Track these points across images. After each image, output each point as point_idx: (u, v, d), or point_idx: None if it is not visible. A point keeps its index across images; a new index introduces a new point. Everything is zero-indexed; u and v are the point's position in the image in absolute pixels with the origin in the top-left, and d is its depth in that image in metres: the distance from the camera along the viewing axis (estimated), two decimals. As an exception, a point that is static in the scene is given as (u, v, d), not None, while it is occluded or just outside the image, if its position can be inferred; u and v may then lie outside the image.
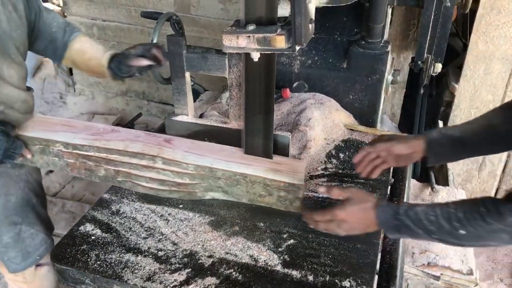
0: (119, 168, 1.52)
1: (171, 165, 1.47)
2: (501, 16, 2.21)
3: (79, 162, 1.56)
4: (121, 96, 4.04)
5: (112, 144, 1.52)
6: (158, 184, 1.50)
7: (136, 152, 1.49)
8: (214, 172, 1.44)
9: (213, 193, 1.50)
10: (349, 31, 1.95)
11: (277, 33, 1.20)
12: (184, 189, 1.49)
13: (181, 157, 1.47)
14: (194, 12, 3.33)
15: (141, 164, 1.50)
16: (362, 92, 1.89)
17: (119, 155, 1.51)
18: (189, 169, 1.46)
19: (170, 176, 1.49)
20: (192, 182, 1.48)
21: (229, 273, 1.24)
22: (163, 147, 1.51)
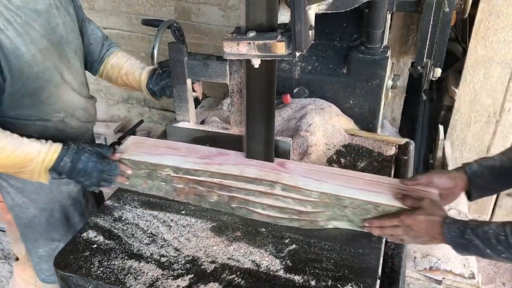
0: (234, 194, 1.44)
1: (292, 192, 1.39)
2: (500, 20, 2.22)
3: (189, 188, 1.49)
4: (122, 103, 4.06)
5: (226, 168, 1.45)
6: (276, 212, 1.42)
7: (253, 177, 1.42)
8: (341, 200, 1.35)
9: (337, 222, 1.40)
10: (349, 36, 1.96)
11: (277, 39, 1.21)
12: (306, 217, 1.40)
13: (303, 183, 1.38)
14: (194, 19, 3.35)
15: (258, 190, 1.42)
16: (362, 97, 1.90)
17: (234, 180, 1.44)
18: (312, 197, 1.37)
19: (290, 203, 1.40)
20: (315, 210, 1.39)
21: (232, 279, 1.25)
22: (280, 172, 1.44)
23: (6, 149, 1.37)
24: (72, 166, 1.41)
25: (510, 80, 2.36)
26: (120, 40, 3.66)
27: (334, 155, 1.76)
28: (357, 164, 1.72)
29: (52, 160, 1.40)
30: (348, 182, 1.39)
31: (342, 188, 1.37)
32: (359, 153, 1.77)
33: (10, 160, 1.38)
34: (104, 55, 1.77)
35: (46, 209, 1.67)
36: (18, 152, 1.38)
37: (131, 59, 1.80)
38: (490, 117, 2.48)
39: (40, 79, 1.46)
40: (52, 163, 1.40)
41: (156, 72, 1.72)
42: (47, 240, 1.71)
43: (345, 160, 1.74)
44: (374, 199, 1.33)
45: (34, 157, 1.39)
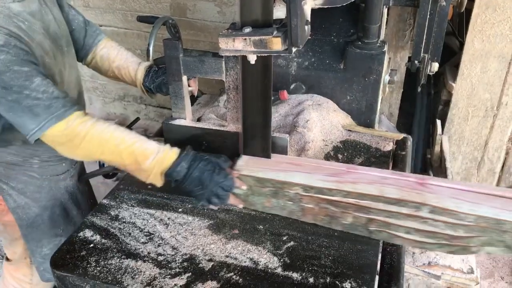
0: (373, 216, 1.31)
1: (442, 215, 1.25)
2: (497, 14, 2.21)
3: (320, 208, 1.36)
4: (118, 100, 4.04)
5: (363, 188, 1.32)
6: (423, 236, 1.29)
7: (396, 198, 1.28)
8: (501, 224, 1.20)
9: (492, 248, 1.25)
10: (345, 32, 1.95)
11: (273, 35, 1.20)
12: (458, 242, 1.26)
13: (455, 206, 1.24)
14: (190, 15, 3.33)
15: (402, 212, 1.28)
16: (359, 93, 1.89)
17: (373, 201, 1.30)
18: (467, 221, 1.23)
19: (440, 227, 1.26)
20: (469, 235, 1.25)
21: (230, 277, 1.24)
22: (422, 191, 1.30)
23: (125, 139, 1.34)
24: (188, 172, 1.33)
25: (508, 74, 2.35)
26: (115, 37, 3.64)
27: (332, 151, 1.75)
28: (355, 160, 1.71)
29: (170, 161, 1.33)
30: (506, 204, 1.25)
31: (500, 210, 1.22)
32: (357, 149, 1.76)
33: (129, 153, 1.33)
34: (92, 44, 1.71)
35: (47, 206, 1.67)
36: (137, 145, 1.33)
37: (122, 51, 1.76)
38: (487, 111, 2.48)
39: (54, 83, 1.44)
40: (169, 164, 1.33)
41: (152, 69, 1.71)
42: (51, 237, 1.71)
43: (342, 156, 1.73)
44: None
45: (153, 154, 1.33)
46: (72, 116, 1.32)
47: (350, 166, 1.44)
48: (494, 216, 1.20)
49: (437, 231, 1.27)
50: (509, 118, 2.47)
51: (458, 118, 2.54)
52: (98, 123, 1.35)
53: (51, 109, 1.29)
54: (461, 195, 1.28)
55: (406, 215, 1.27)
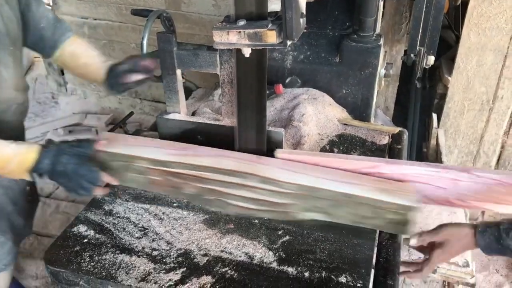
0: (209, 186, 1.40)
1: (266, 184, 1.34)
2: (493, 7, 2.20)
3: (165, 179, 1.43)
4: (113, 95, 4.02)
5: (202, 160, 1.40)
6: (252, 204, 1.38)
7: (229, 169, 1.37)
8: (316, 192, 1.31)
9: (313, 214, 1.35)
10: (341, 25, 1.94)
11: (268, 28, 1.18)
12: (281, 209, 1.36)
13: (278, 175, 1.34)
14: (185, 8, 3.31)
15: (234, 182, 1.37)
16: (355, 86, 1.88)
17: (210, 172, 1.39)
18: (289, 189, 1.33)
19: (265, 195, 1.36)
20: (290, 202, 1.35)
21: (225, 271, 1.23)
22: (256, 163, 1.40)
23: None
24: (52, 167, 1.34)
25: (503, 68, 2.35)
26: (110, 30, 3.62)
27: (327, 145, 1.74)
28: (351, 153, 1.70)
29: (30, 161, 1.33)
30: (327, 174, 1.35)
31: (319, 180, 1.33)
32: (353, 143, 1.75)
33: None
34: (59, 41, 1.69)
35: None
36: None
37: (89, 49, 1.73)
38: (483, 105, 2.47)
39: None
40: (30, 164, 1.33)
41: (116, 67, 1.66)
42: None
43: (338, 150, 1.72)
44: (348, 191, 1.29)
45: (11, 159, 1.34)
46: None
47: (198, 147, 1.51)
48: (309, 184, 1.31)
49: (263, 199, 1.36)
50: (505, 112, 2.46)
51: (454, 112, 2.53)
52: None
53: None
54: (288, 165, 1.39)
55: (237, 184, 1.37)
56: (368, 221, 1.30)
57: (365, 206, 1.27)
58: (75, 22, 3.70)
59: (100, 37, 3.68)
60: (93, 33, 3.69)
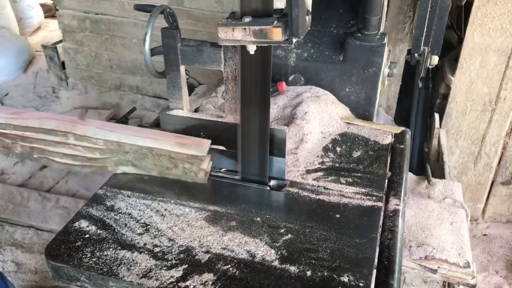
0: (34, 145, 1.58)
1: (82, 141, 1.54)
2: (497, 8, 2.20)
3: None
4: (114, 90, 4.01)
5: (28, 122, 1.58)
6: (71, 160, 1.58)
7: (50, 129, 1.56)
8: (122, 146, 1.52)
9: (124, 167, 1.57)
10: (345, 23, 1.93)
11: (274, 25, 1.18)
12: (95, 163, 1.57)
13: (92, 133, 1.53)
14: (188, 4, 3.30)
15: (55, 140, 1.56)
16: (358, 85, 1.88)
17: (34, 132, 1.57)
18: (99, 144, 1.53)
19: (81, 151, 1.56)
20: (102, 156, 1.55)
21: (226, 269, 1.23)
22: (76, 124, 1.57)
23: None
24: None
25: (507, 69, 2.34)
26: (112, 26, 3.61)
27: (330, 144, 1.74)
28: (353, 153, 1.70)
29: None
30: (134, 132, 1.55)
31: (124, 136, 1.52)
32: (355, 142, 1.75)
33: None
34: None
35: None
36: None
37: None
38: (486, 106, 2.47)
39: None
40: None
41: None
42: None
43: (340, 148, 1.72)
44: (149, 144, 1.49)
45: None
46: None
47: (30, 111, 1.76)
48: (116, 139, 1.51)
49: (80, 155, 1.56)
50: (507, 113, 2.46)
51: (456, 112, 2.53)
52: None
53: None
54: (105, 125, 1.58)
55: (57, 142, 1.56)
56: (170, 172, 1.51)
57: (164, 157, 1.49)
58: (77, 17, 3.69)
59: (102, 32, 3.67)
60: (95, 28, 3.68)
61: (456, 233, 1.81)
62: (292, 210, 1.44)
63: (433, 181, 2.11)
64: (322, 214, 1.42)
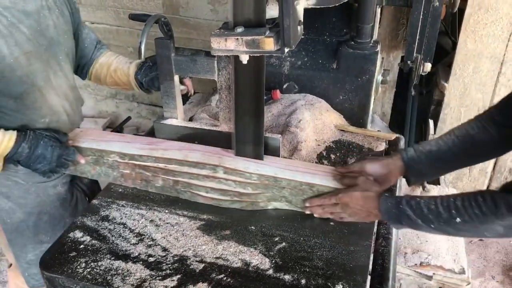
0: (178, 178, 1.48)
1: (233, 175, 1.43)
2: (489, 14, 2.22)
3: (135, 173, 1.51)
4: (110, 98, 4.01)
5: (171, 153, 1.48)
6: (219, 194, 1.47)
7: (196, 161, 1.45)
8: (279, 181, 1.41)
9: (277, 203, 1.46)
10: (339, 31, 1.94)
11: (266, 35, 1.19)
12: (247, 199, 1.45)
13: (243, 166, 1.43)
14: (183, 13, 3.31)
15: (202, 174, 1.46)
16: (352, 93, 1.89)
17: (178, 165, 1.47)
18: (252, 179, 1.42)
19: (232, 186, 1.45)
20: (255, 192, 1.44)
21: (221, 278, 1.23)
22: (222, 155, 1.47)
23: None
24: (30, 152, 1.40)
25: (500, 74, 2.36)
26: (107, 34, 3.62)
27: (324, 151, 1.74)
28: (347, 160, 1.71)
29: (9, 147, 1.38)
30: (288, 165, 1.46)
31: (279, 170, 1.42)
32: (349, 149, 1.76)
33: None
34: (94, 56, 1.75)
35: (33, 213, 1.64)
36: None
37: (120, 57, 1.77)
38: (479, 111, 2.47)
39: (24, 83, 1.42)
40: (8, 149, 1.38)
41: (146, 64, 1.69)
42: (36, 244, 1.68)
43: (335, 156, 1.72)
44: (309, 180, 1.39)
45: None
46: None
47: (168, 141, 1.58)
48: (272, 174, 1.41)
49: (229, 189, 1.45)
50: (501, 119, 2.47)
51: (451, 118, 2.54)
52: None
53: None
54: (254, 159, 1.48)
55: (205, 176, 1.46)
56: None
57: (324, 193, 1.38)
58: (72, 26, 3.70)
59: (97, 40, 3.68)
60: (91, 37, 3.69)
61: (451, 239, 1.81)
62: (287, 218, 1.44)
63: (427, 188, 2.12)
64: (316, 221, 1.42)
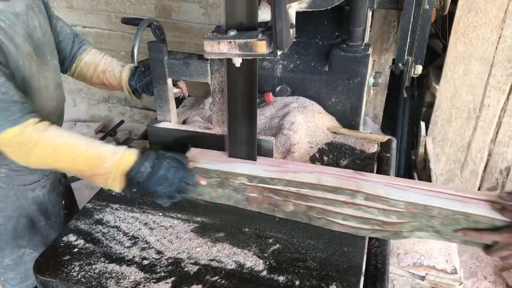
0: (312, 203, 1.35)
1: (375, 201, 1.29)
2: (479, 17, 2.25)
3: (263, 197, 1.40)
4: (103, 102, 4.01)
5: (303, 176, 1.36)
6: (359, 222, 1.33)
7: (333, 186, 1.32)
8: (429, 210, 1.24)
9: (422, 233, 1.30)
10: (330, 34, 1.96)
11: (258, 38, 1.20)
12: (390, 228, 1.31)
13: (385, 192, 1.29)
14: (175, 17, 3.32)
15: (339, 199, 1.33)
16: (344, 95, 1.90)
17: (311, 189, 1.34)
18: (398, 207, 1.28)
19: (373, 213, 1.31)
20: (400, 221, 1.29)
21: (215, 280, 1.23)
22: (358, 179, 1.35)
23: (79, 145, 1.28)
24: (152, 171, 1.29)
25: (489, 77, 2.39)
26: (99, 39, 3.62)
27: (317, 153, 1.75)
28: (340, 162, 1.72)
29: (130, 163, 1.28)
30: (437, 191, 1.29)
31: (428, 197, 1.26)
32: (342, 151, 1.77)
33: (84, 159, 1.27)
34: (76, 53, 1.71)
35: (12, 216, 1.62)
36: (92, 150, 1.28)
37: (107, 57, 1.76)
38: (470, 113, 2.51)
39: (25, 86, 1.41)
40: (129, 166, 1.28)
41: (138, 69, 1.70)
42: (13, 248, 1.66)
43: (328, 158, 1.74)
44: (465, 209, 1.21)
45: (109, 157, 1.27)
46: (27, 123, 1.26)
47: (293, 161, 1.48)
48: (422, 202, 1.25)
49: (371, 217, 1.31)
50: (491, 120, 2.51)
51: (442, 120, 2.57)
52: (52, 129, 1.30)
53: (7, 112, 1.23)
54: (393, 181, 1.34)
55: (342, 202, 1.32)
56: None
57: (483, 225, 1.19)
58: (64, 30, 3.69)
59: (90, 45, 3.68)
60: (83, 41, 3.68)
61: (443, 240, 1.83)
62: (281, 219, 1.45)
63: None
64: (310, 223, 1.43)
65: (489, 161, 2.67)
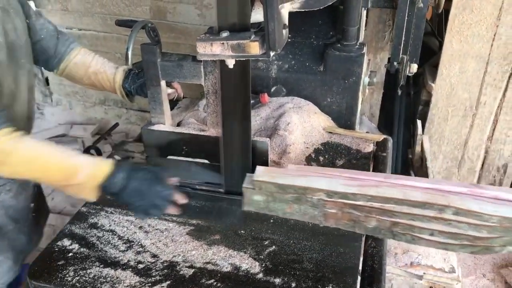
0: (397, 219, 1.28)
1: (466, 216, 1.23)
2: (474, 15, 2.24)
3: (343, 213, 1.32)
4: (99, 105, 3.99)
5: (386, 191, 1.28)
6: (447, 238, 1.27)
7: (420, 201, 1.26)
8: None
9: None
10: (325, 34, 1.95)
11: (251, 39, 1.19)
12: (481, 243, 1.26)
13: (478, 207, 1.23)
14: (170, 18, 3.31)
15: (426, 215, 1.26)
16: (339, 95, 1.90)
17: (397, 204, 1.27)
18: (490, 222, 1.22)
19: (463, 229, 1.25)
20: (491, 235, 1.25)
21: (211, 283, 1.23)
22: (446, 194, 1.27)
23: (54, 156, 1.25)
24: (125, 183, 1.24)
25: (485, 74, 2.38)
26: (95, 41, 3.60)
27: (313, 154, 1.75)
28: (336, 162, 1.71)
29: (104, 173, 1.24)
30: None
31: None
32: (338, 151, 1.76)
33: (58, 170, 1.24)
34: (64, 52, 1.67)
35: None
36: (66, 161, 1.25)
37: (97, 57, 1.73)
38: (466, 111, 2.51)
39: (4, 94, 1.38)
40: (103, 176, 1.24)
41: (132, 71, 1.68)
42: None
43: (324, 158, 1.73)
44: None
45: (83, 168, 1.24)
46: (0, 133, 1.23)
47: (365, 173, 1.39)
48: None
49: (460, 233, 1.25)
50: (488, 117, 2.50)
51: (438, 118, 2.56)
52: (26, 140, 1.26)
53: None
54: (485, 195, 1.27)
55: (430, 217, 1.26)
56: None
57: None
58: (59, 33, 3.68)
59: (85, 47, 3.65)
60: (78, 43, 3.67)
61: (441, 239, 1.82)
62: (277, 221, 1.44)
63: None
64: (306, 224, 1.42)
65: (486, 158, 2.66)
